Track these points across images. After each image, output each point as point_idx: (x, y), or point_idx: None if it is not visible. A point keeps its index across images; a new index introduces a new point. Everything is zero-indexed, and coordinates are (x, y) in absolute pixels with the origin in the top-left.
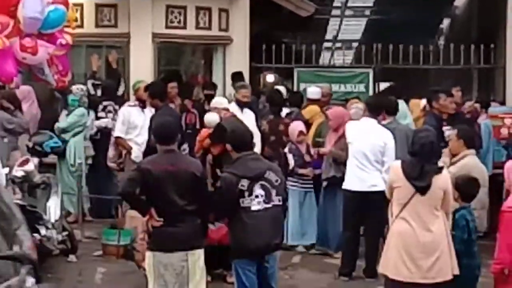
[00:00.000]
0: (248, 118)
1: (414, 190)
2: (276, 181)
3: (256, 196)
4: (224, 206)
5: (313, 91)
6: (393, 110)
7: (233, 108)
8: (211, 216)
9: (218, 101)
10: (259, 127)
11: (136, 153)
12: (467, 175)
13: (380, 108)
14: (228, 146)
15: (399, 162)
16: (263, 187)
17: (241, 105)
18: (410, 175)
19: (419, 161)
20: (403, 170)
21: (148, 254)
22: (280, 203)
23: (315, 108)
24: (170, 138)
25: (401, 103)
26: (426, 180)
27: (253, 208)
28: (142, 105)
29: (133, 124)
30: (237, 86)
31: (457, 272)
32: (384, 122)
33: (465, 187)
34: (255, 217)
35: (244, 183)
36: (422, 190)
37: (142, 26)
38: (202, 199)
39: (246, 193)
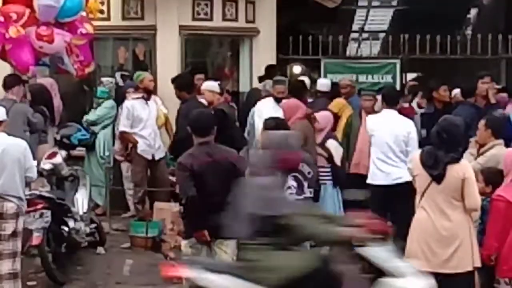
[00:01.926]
0: None
1: (430, 179)
2: (309, 173)
3: (289, 187)
4: None
5: (322, 83)
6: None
7: (270, 103)
8: None
9: (213, 84)
10: None
11: (142, 147)
12: (492, 167)
13: (396, 98)
14: None
15: (419, 151)
16: (296, 178)
17: (279, 100)
18: (425, 163)
19: (435, 150)
20: (420, 159)
21: (184, 242)
22: (312, 195)
23: (341, 100)
24: (205, 130)
25: None
26: (439, 169)
27: None
28: (147, 96)
29: (137, 118)
30: (273, 80)
31: (478, 264)
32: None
33: (492, 179)
34: None
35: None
36: (437, 178)
37: (169, 18)
38: None
39: None
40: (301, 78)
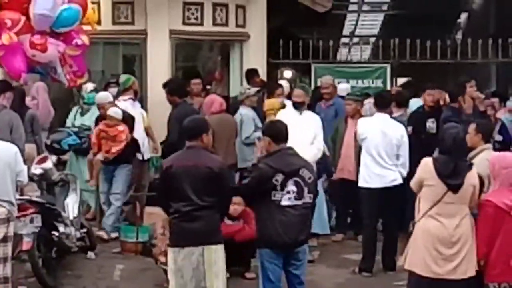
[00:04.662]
0: (308, 121)
1: (446, 189)
2: (309, 178)
3: (288, 192)
4: (253, 193)
5: (342, 87)
6: (404, 102)
7: (291, 110)
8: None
9: (103, 96)
10: None
11: None
12: None
13: (388, 102)
14: (266, 138)
15: (430, 160)
16: (296, 183)
17: (297, 106)
18: (443, 173)
19: (452, 159)
20: (435, 168)
21: (169, 250)
22: (311, 200)
23: (274, 101)
24: (193, 134)
25: (417, 100)
26: (459, 178)
27: (283, 203)
28: (134, 98)
29: None
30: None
31: (477, 268)
32: (395, 115)
33: None
34: (284, 212)
35: (279, 177)
36: (455, 188)
37: (159, 23)
38: (221, 194)
39: (278, 187)
40: (280, 82)
